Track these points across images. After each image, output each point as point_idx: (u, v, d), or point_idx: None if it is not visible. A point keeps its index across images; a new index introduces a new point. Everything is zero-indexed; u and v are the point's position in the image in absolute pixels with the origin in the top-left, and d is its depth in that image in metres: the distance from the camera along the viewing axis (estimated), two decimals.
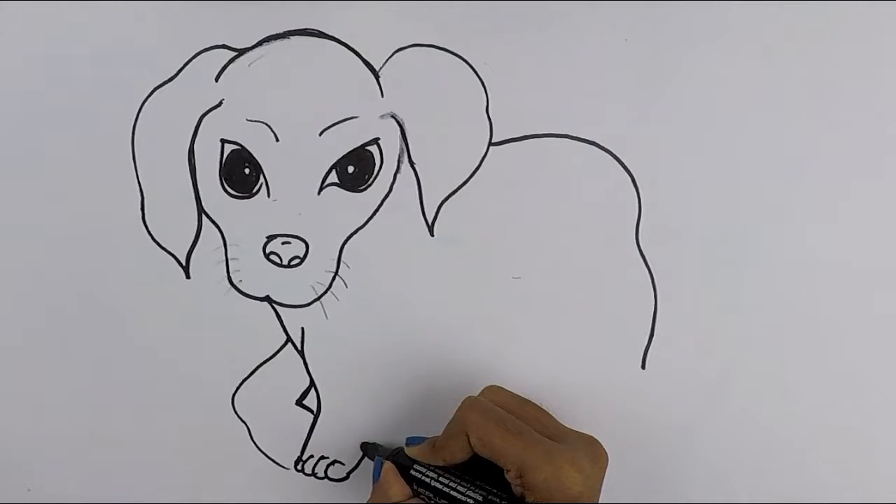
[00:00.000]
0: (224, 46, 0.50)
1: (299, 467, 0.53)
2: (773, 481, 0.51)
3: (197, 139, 0.50)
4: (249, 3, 0.49)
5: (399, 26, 0.49)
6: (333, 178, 0.50)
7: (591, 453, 0.45)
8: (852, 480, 0.51)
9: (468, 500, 0.45)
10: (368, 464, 0.53)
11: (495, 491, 0.45)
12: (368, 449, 0.52)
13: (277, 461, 0.53)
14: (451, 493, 0.46)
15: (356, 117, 0.49)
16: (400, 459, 0.48)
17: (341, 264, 0.51)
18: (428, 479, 0.47)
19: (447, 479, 0.46)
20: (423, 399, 0.51)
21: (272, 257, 0.50)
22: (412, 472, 0.47)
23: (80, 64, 0.50)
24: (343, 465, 0.53)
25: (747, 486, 0.51)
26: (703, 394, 0.50)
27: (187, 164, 0.51)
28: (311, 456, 0.53)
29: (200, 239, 0.51)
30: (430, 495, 0.46)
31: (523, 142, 0.50)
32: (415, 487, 0.47)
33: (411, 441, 0.49)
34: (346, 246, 0.51)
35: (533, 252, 0.50)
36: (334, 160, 0.50)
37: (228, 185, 0.50)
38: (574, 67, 0.49)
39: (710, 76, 0.49)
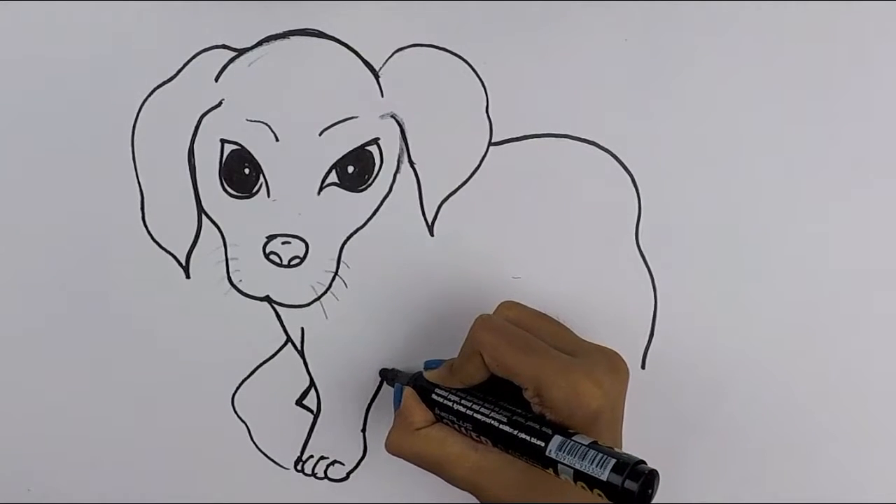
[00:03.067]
0: (224, 46, 0.50)
1: (299, 467, 0.53)
2: (773, 481, 0.51)
3: (197, 139, 0.50)
4: (249, 3, 0.49)
5: (399, 26, 0.49)
6: (333, 178, 0.50)
7: (611, 366, 0.44)
8: (852, 480, 0.51)
9: (492, 421, 0.43)
10: (369, 464, 0.53)
11: (519, 411, 0.43)
12: (387, 375, 0.51)
13: (277, 461, 0.53)
14: (475, 415, 0.44)
15: (356, 117, 0.49)
16: (421, 384, 0.47)
17: (341, 264, 0.51)
18: (450, 403, 0.45)
19: (469, 401, 0.44)
20: None
21: (272, 257, 0.50)
22: (434, 396, 0.46)
23: (80, 64, 0.50)
24: (343, 465, 0.53)
25: (747, 486, 0.51)
26: (703, 394, 0.50)
27: (187, 164, 0.51)
28: (311, 456, 0.53)
29: (200, 239, 0.51)
30: (454, 419, 0.45)
31: (523, 142, 0.50)
32: (437, 412, 0.46)
33: (429, 364, 0.48)
34: (346, 246, 0.51)
35: (533, 252, 0.50)
36: (334, 160, 0.50)
37: (228, 185, 0.50)
38: (574, 67, 0.49)
39: (709, 76, 0.49)
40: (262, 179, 0.50)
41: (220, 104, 0.50)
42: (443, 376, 0.46)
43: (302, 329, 0.52)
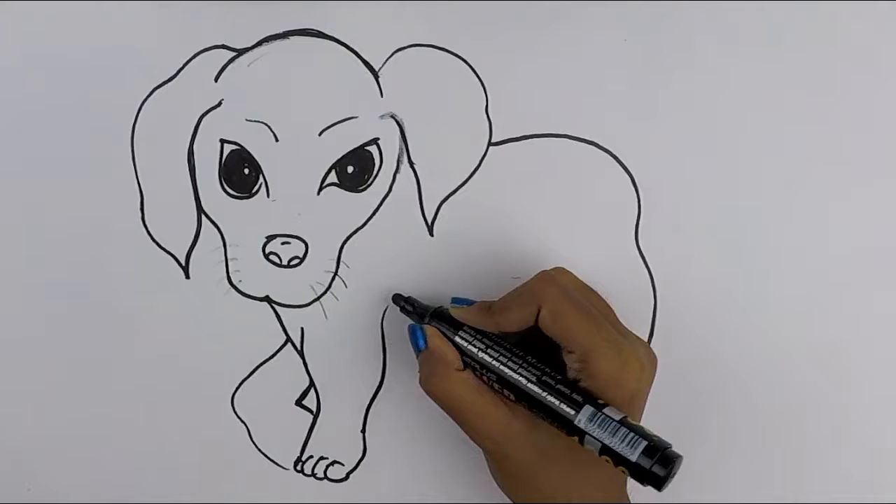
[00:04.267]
0: (224, 46, 0.50)
1: (299, 468, 0.53)
2: (773, 481, 0.51)
3: (196, 139, 0.50)
4: (249, 3, 0.49)
5: (399, 26, 0.49)
6: (333, 178, 0.50)
7: (649, 355, 0.44)
8: (852, 480, 0.51)
9: (520, 378, 0.42)
10: (369, 464, 0.53)
11: (548, 370, 0.42)
12: (402, 302, 0.48)
13: (277, 461, 0.53)
14: (501, 367, 0.42)
15: (356, 117, 0.49)
16: (444, 323, 0.44)
17: (341, 264, 0.51)
18: (475, 350, 0.43)
19: (497, 351, 0.42)
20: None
21: (272, 257, 0.50)
22: (457, 339, 0.43)
23: (79, 64, 0.50)
24: (343, 465, 0.53)
25: (747, 486, 0.51)
26: (703, 393, 0.50)
27: (187, 164, 0.51)
28: (311, 456, 0.53)
29: (200, 239, 0.51)
30: (476, 367, 0.43)
31: (523, 142, 0.50)
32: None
33: (458, 302, 0.46)
34: (345, 246, 0.51)
35: (533, 252, 0.50)
36: (334, 160, 0.50)
37: (228, 186, 0.50)
38: (574, 67, 0.49)
39: (709, 76, 0.49)
40: (261, 179, 0.50)
41: (219, 104, 0.50)
42: (476, 316, 0.44)
43: (302, 329, 0.52)
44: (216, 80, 0.50)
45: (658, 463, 0.39)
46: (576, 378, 0.42)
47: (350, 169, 0.50)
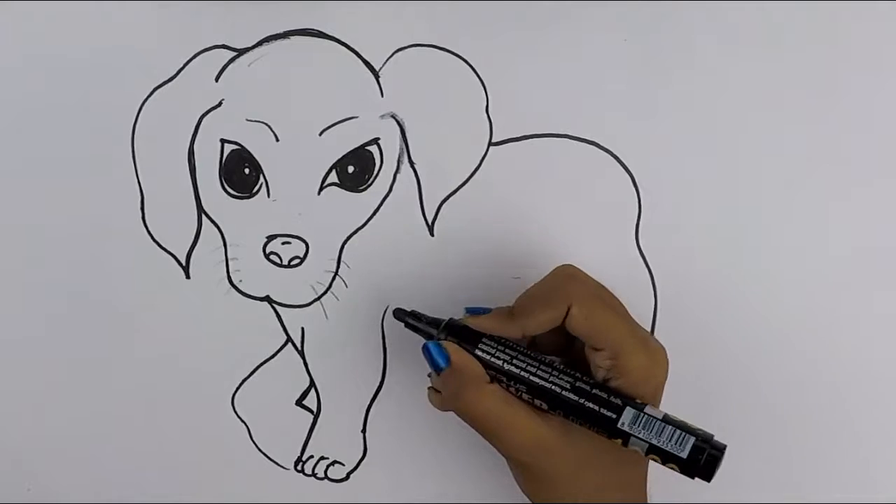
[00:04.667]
0: (224, 46, 0.50)
1: (299, 468, 0.53)
2: (774, 481, 0.51)
3: (197, 139, 0.50)
4: (249, 3, 0.49)
5: (399, 26, 0.49)
6: (333, 178, 0.50)
7: (664, 354, 0.43)
8: (853, 480, 0.51)
9: (553, 386, 0.40)
10: (369, 464, 0.53)
11: (578, 375, 0.41)
12: (406, 317, 0.44)
13: (277, 461, 0.53)
14: (531, 378, 0.40)
15: (356, 117, 0.50)
16: (459, 334, 0.41)
17: (341, 264, 0.51)
18: (500, 362, 0.40)
19: (523, 360, 0.40)
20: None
21: (272, 257, 0.50)
22: (478, 352, 0.41)
23: (80, 64, 0.50)
24: (343, 465, 0.53)
25: (748, 485, 0.51)
26: (703, 393, 0.50)
27: (187, 164, 0.51)
28: (311, 456, 0.53)
29: (200, 239, 0.51)
30: (503, 379, 0.40)
31: (523, 142, 0.50)
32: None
33: (473, 311, 0.43)
34: (346, 246, 0.51)
35: (533, 252, 0.50)
36: (334, 160, 0.50)
37: (228, 186, 0.50)
38: (574, 67, 0.49)
39: (709, 76, 0.49)
40: (262, 179, 0.50)
41: (220, 104, 0.50)
42: (497, 324, 0.42)
43: (302, 329, 0.52)
44: (217, 79, 0.50)
45: (708, 456, 0.39)
46: (604, 377, 0.41)
47: (350, 169, 0.50)
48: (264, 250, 0.50)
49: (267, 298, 0.51)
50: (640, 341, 0.41)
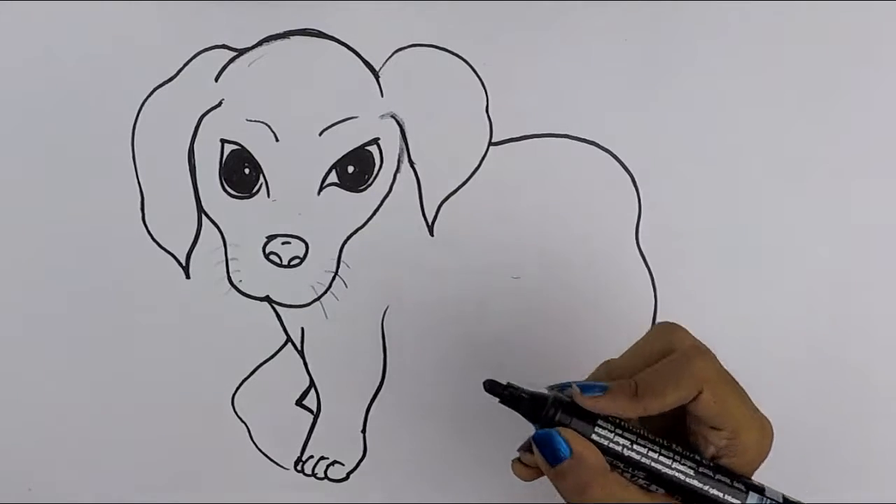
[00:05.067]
0: (224, 46, 0.50)
1: (299, 468, 0.53)
2: (774, 481, 0.51)
3: (197, 139, 0.50)
4: (249, 3, 0.49)
5: (399, 26, 0.49)
6: (333, 178, 0.50)
7: (771, 427, 0.41)
8: (853, 480, 0.51)
9: (676, 473, 0.37)
10: (369, 464, 0.53)
11: (697, 458, 0.38)
12: (502, 390, 0.39)
13: (277, 461, 0.53)
14: (653, 465, 0.37)
15: (356, 117, 0.50)
16: (573, 414, 0.37)
17: (341, 264, 0.51)
18: (619, 448, 0.37)
19: (644, 445, 0.37)
20: (425, 399, 0.51)
21: (272, 257, 0.50)
22: (594, 436, 0.37)
23: (80, 64, 0.50)
24: (343, 465, 0.53)
25: None
26: None
27: (187, 164, 0.51)
28: (311, 456, 0.53)
29: (200, 239, 0.51)
30: (622, 466, 0.37)
31: (523, 142, 0.50)
32: None
33: (586, 391, 0.38)
34: (345, 246, 0.51)
35: (533, 252, 0.50)
36: (334, 160, 0.50)
37: (228, 185, 0.50)
38: (574, 67, 0.49)
39: (709, 76, 0.49)
40: (262, 179, 0.50)
41: (220, 104, 0.50)
42: (618, 405, 0.37)
43: (302, 329, 0.52)
44: (217, 79, 0.50)
45: None
46: (714, 455, 0.39)
47: (350, 169, 0.50)
48: (264, 250, 0.50)
49: (267, 298, 0.51)
50: (756, 419, 0.39)
